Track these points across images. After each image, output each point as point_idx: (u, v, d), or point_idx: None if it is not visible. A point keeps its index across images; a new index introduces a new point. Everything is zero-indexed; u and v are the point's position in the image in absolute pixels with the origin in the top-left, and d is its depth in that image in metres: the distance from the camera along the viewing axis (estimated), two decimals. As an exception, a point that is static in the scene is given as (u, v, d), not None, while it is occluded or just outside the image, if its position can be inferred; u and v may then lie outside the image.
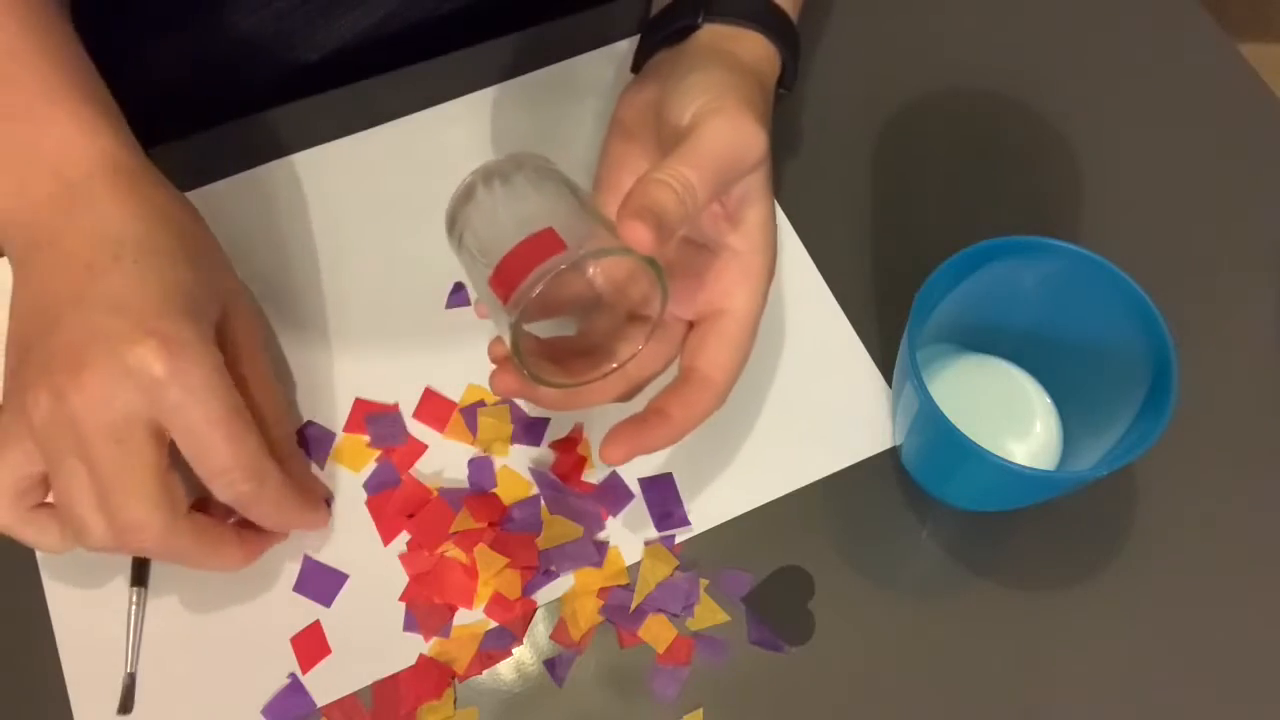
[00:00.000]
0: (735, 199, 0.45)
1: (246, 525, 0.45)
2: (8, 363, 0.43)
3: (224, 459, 0.41)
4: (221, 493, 0.42)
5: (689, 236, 0.46)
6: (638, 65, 0.52)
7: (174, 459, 0.41)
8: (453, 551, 0.48)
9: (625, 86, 0.51)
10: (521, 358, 0.40)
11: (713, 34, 0.48)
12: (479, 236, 0.42)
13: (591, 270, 0.46)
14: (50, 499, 0.42)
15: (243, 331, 0.46)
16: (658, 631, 0.47)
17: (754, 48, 0.48)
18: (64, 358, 0.40)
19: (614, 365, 0.43)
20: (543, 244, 0.40)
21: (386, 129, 0.58)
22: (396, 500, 0.49)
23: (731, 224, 0.45)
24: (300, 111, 0.58)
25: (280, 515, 0.45)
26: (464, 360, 0.52)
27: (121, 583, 0.47)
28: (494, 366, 0.45)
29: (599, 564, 0.48)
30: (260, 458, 0.42)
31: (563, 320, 0.47)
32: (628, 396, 0.46)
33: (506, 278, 0.40)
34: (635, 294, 0.44)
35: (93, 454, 0.39)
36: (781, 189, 0.57)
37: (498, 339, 0.45)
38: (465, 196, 0.43)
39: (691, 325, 0.46)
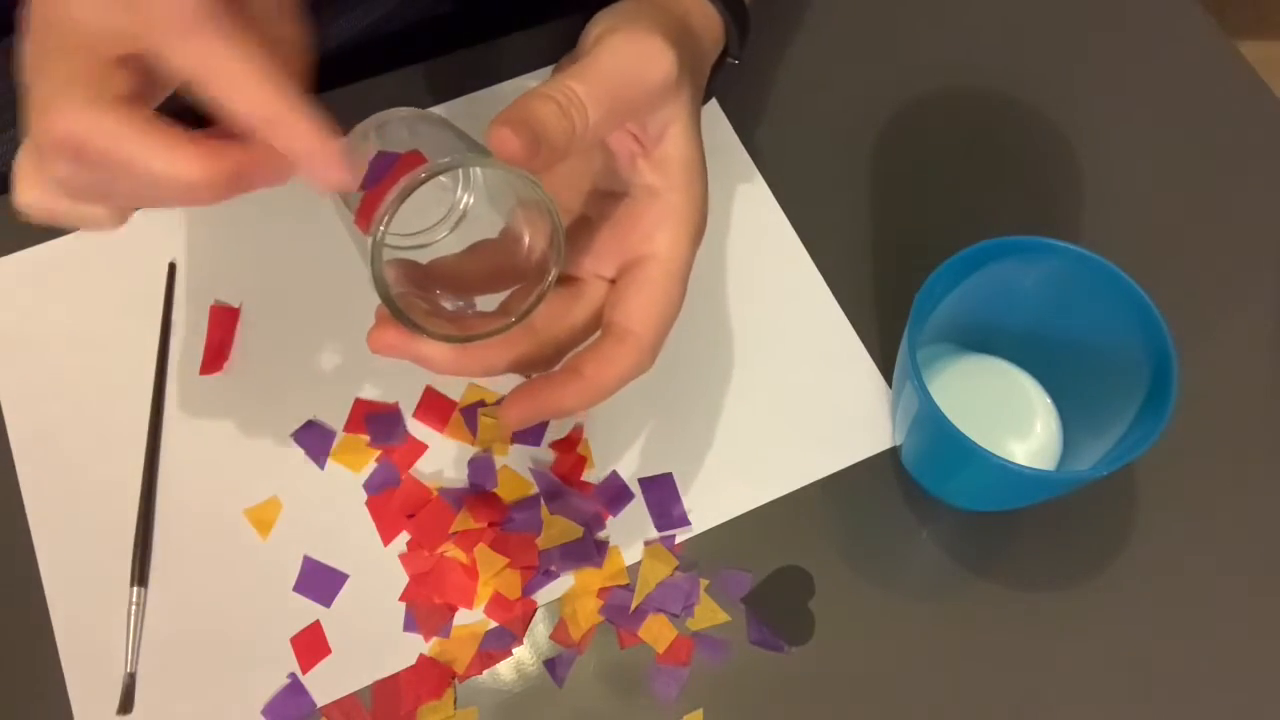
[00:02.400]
0: (652, 134, 0.41)
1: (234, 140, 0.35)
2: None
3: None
4: (175, 59, 0.34)
5: (604, 186, 0.42)
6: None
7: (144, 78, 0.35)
8: (453, 551, 0.48)
9: None
10: (393, 300, 0.35)
11: None
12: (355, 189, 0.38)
13: (526, 238, 0.41)
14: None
15: None
16: (658, 631, 0.47)
17: (693, 7, 0.45)
18: None
19: (510, 320, 0.38)
20: (404, 166, 0.35)
21: (386, 129, 0.58)
22: (397, 500, 0.49)
23: (650, 162, 0.41)
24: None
25: (258, 93, 0.34)
26: (464, 360, 0.52)
27: (121, 583, 0.47)
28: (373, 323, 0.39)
29: (599, 564, 0.48)
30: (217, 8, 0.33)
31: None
32: (544, 363, 0.41)
33: (368, 208, 0.35)
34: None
35: (45, 69, 0.34)
36: (782, 189, 0.57)
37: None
38: (344, 153, 0.38)
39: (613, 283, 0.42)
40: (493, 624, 0.47)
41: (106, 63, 0.34)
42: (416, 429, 0.51)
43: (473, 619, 0.47)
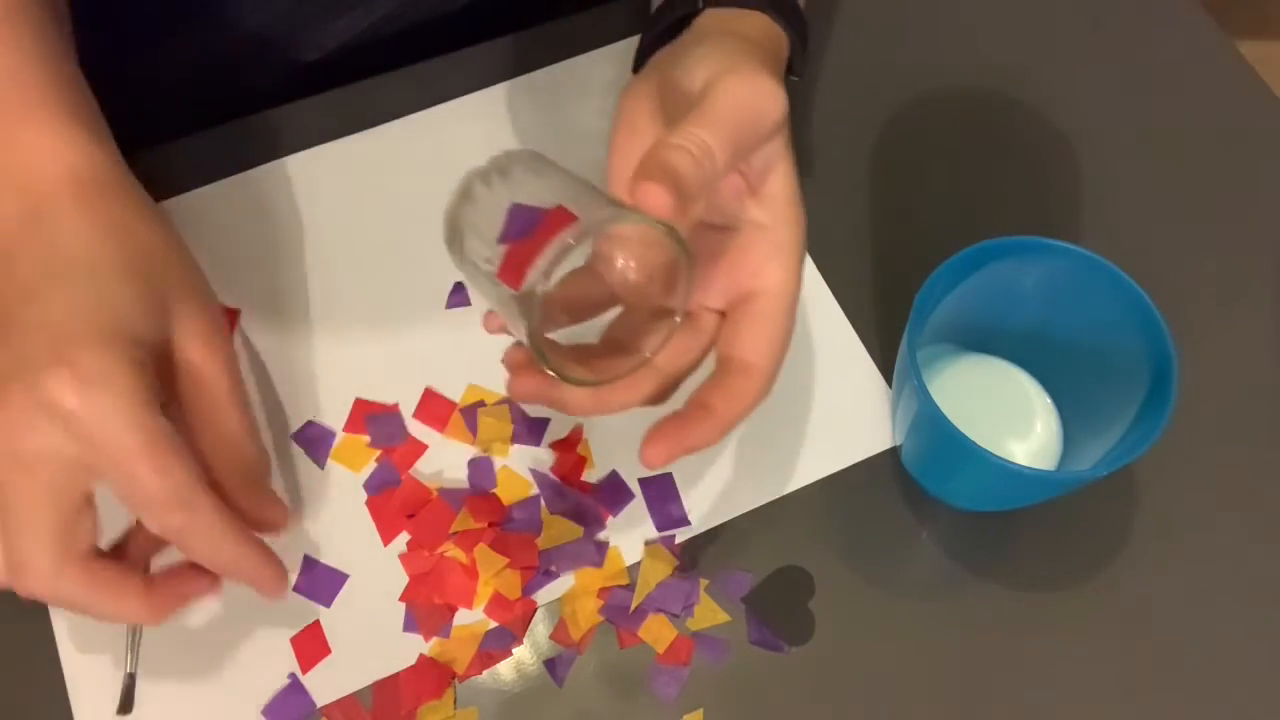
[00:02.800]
0: (756, 170, 0.42)
1: (178, 574, 0.42)
2: None
3: (147, 489, 0.37)
4: (151, 524, 0.39)
5: (708, 219, 0.43)
6: (639, 64, 0.49)
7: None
8: (452, 551, 0.48)
9: (626, 84, 0.48)
10: (542, 350, 0.37)
11: (715, 18, 0.46)
12: (483, 236, 0.39)
13: (620, 263, 0.43)
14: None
15: (197, 357, 0.42)
16: (658, 631, 0.47)
17: (760, 27, 0.46)
18: None
19: (642, 358, 0.40)
20: (553, 221, 0.37)
21: (387, 129, 0.58)
22: (396, 500, 0.49)
23: (755, 197, 0.42)
24: (300, 111, 0.58)
25: (217, 552, 0.40)
26: (464, 360, 0.52)
27: (121, 583, 0.47)
28: (509, 375, 0.42)
29: (599, 564, 0.48)
30: (190, 488, 0.38)
31: (585, 328, 0.44)
32: (661, 397, 0.43)
33: (517, 262, 0.37)
34: (658, 290, 0.41)
35: (1, 481, 0.37)
36: (781, 189, 0.57)
37: (514, 346, 0.42)
38: (463, 198, 0.41)
39: (723, 315, 0.43)
40: (493, 624, 0.47)
41: (75, 509, 0.38)
42: (416, 429, 0.51)
43: (473, 619, 0.47)
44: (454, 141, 0.57)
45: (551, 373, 0.38)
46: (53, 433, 0.37)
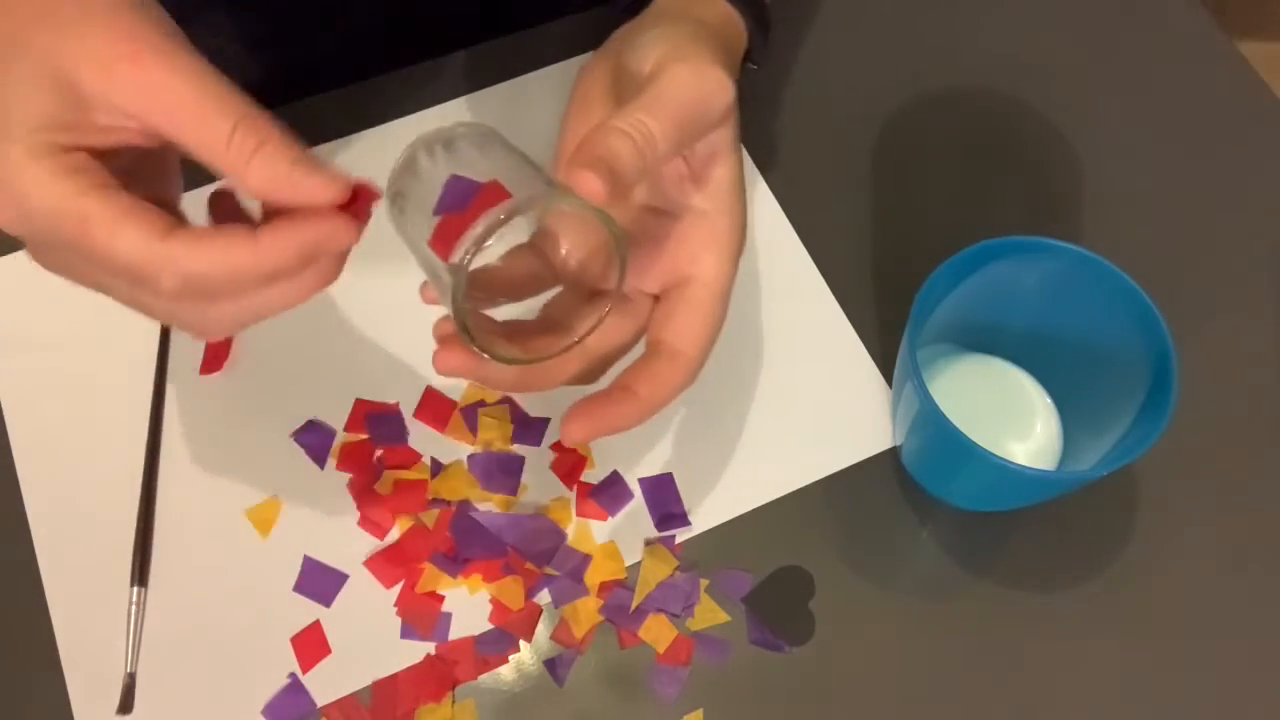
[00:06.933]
0: (700, 157, 0.42)
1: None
2: None
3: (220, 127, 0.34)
4: (220, 158, 0.34)
5: (651, 202, 0.43)
6: (599, 43, 0.48)
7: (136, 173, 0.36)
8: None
9: (583, 63, 0.47)
10: (468, 326, 0.37)
11: (675, 0, 0.46)
12: (421, 205, 0.38)
13: (563, 247, 0.42)
14: None
15: (108, 85, 0.35)
16: (658, 631, 0.47)
17: (720, 13, 0.46)
18: None
19: (573, 339, 0.40)
20: (487, 196, 0.36)
21: (387, 129, 0.58)
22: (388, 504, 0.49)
23: (696, 184, 0.42)
24: (300, 111, 0.58)
25: (294, 170, 0.34)
26: (464, 360, 0.52)
27: (122, 583, 0.47)
28: (436, 347, 0.40)
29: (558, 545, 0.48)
30: (243, 110, 0.34)
31: (526, 306, 0.43)
32: (590, 377, 0.42)
33: (449, 234, 0.36)
34: (598, 270, 0.41)
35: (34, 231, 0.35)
36: (782, 189, 0.57)
37: (443, 318, 0.41)
38: (406, 166, 0.40)
39: (657, 299, 0.43)
40: (495, 629, 0.47)
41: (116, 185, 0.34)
42: (416, 429, 0.51)
43: (477, 625, 0.47)
44: (454, 141, 0.57)
45: (476, 349, 0.38)
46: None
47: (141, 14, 0.35)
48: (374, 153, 0.57)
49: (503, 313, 0.42)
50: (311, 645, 0.46)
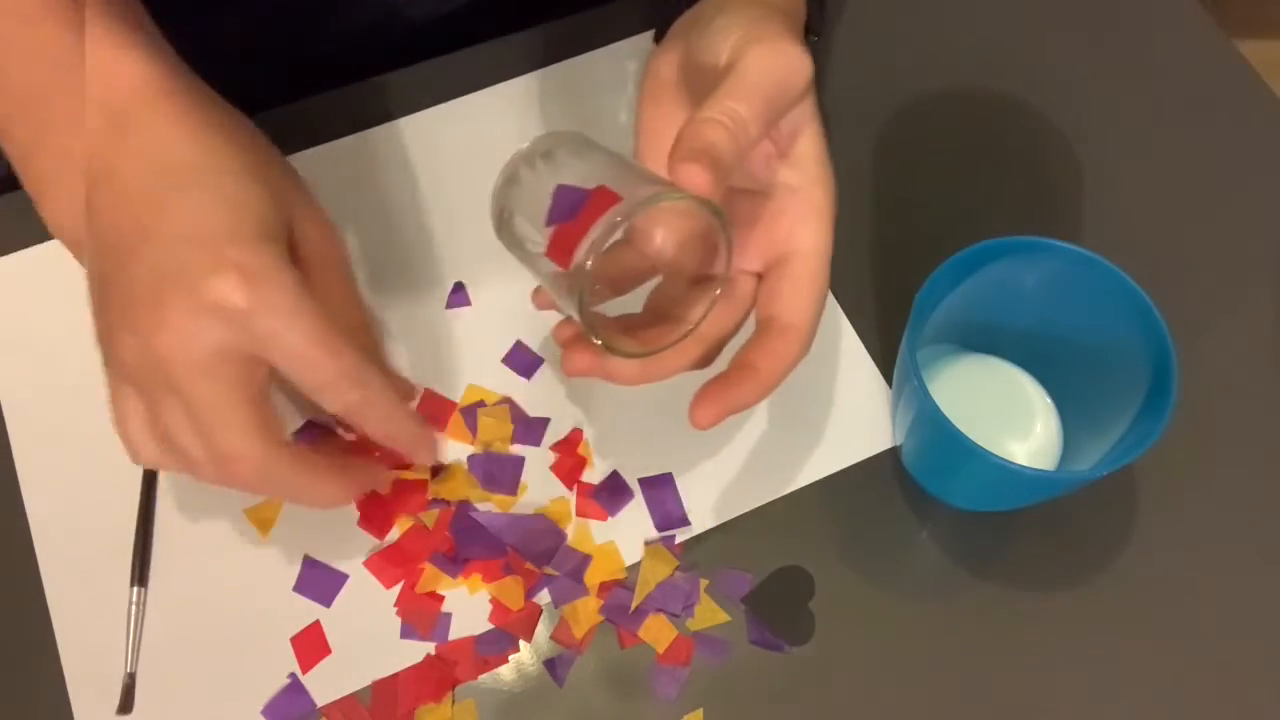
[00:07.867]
0: (785, 134, 0.43)
1: (350, 454, 0.46)
2: (91, 305, 0.42)
3: (326, 373, 0.40)
4: (332, 404, 0.41)
5: (737, 184, 0.44)
6: (660, 35, 0.50)
7: (276, 383, 0.41)
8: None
9: (650, 55, 0.48)
10: (593, 325, 0.39)
11: None
12: (530, 217, 0.41)
13: (659, 239, 0.44)
14: None
15: (317, 242, 0.44)
16: (658, 631, 0.47)
17: None
18: (143, 296, 0.39)
19: (688, 328, 0.41)
20: (597, 202, 0.38)
21: (388, 128, 0.58)
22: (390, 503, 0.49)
23: (784, 161, 0.43)
24: (301, 110, 0.58)
25: (392, 420, 0.43)
26: (464, 360, 0.52)
27: (121, 583, 0.47)
28: (563, 351, 0.43)
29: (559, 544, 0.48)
30: (361, 364, 0.40)
31: (625, 300, 0.45)
32: (705, 361, 0.44)
33: (564, 242, 0.38)
34: (695, 257, 0.42)
35: (185, 389, 0.38)
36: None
37: (563, 322, 0.43)
38: (509, 181, 0.42)
39: (760, 277, 0.44)
40: (495, 629, 0.47)
41: (264, 400, 0.40)
42: (416, 429, 0.51)
43: (477, 625, 0.47)
44: (456, 141, 0.57)
45: (601, 345, 0.39)
46: (227, 334, 0.38)
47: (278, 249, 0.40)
48: (374, 152, 0.57)
49: (606, 308, 0.43)
50: (311, 645, 0.46)
